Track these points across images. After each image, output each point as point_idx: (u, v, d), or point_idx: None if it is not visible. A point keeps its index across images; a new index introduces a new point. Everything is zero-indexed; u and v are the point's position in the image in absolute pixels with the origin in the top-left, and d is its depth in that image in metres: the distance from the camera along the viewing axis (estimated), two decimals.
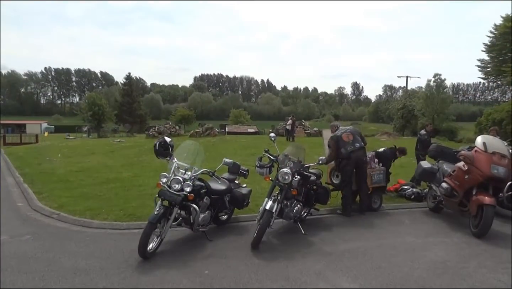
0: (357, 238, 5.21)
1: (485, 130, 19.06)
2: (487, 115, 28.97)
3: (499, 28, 21.55)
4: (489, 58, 23.09)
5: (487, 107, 43.12)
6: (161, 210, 4.32)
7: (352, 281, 3.81)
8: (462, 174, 5.63)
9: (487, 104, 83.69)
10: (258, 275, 3.92)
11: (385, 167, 7.10)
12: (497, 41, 21.96)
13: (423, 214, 6.70)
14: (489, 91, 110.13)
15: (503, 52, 22.05)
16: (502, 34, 21.36)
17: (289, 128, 23.51)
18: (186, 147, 5.11)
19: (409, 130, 41.08)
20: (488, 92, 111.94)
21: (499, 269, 4.15)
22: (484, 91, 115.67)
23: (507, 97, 51.96)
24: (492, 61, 22.97)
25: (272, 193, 5.05)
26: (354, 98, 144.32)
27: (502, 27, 21.24)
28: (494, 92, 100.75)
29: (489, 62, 23.21)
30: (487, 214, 5.11)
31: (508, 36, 21.05)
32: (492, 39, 22.42)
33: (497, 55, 22.35)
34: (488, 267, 4.21)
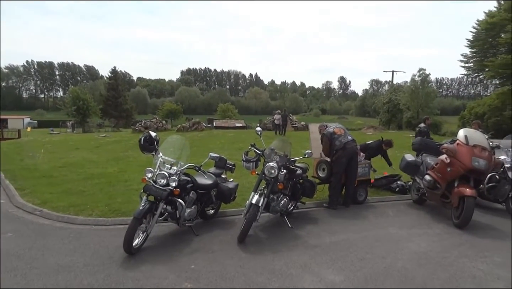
0: (343, 231, 5.28)
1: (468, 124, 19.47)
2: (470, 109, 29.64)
3: (482, 24, 21.95)
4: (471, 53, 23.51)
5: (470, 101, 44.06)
6: (146, 205, 4.29)
7: (337, 273, 3.87)
8: (445, 167, 5.74)
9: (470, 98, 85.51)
10: (244, 268, 3.93)
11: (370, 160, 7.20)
12: (480, 36, 22.39)
13: (407, 206, 6.83)
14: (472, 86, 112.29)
15: (485, 47, 22.49)
16: (484, 29, 21.77)
17: (278, 123, 23.82)
18: (171, 141, 5.06)
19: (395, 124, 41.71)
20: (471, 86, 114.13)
21: (479, 258, 4.27)
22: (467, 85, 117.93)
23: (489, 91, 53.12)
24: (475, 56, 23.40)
25: (258, 187, 5.07)
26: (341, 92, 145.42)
27: (485, 23, 21.63)
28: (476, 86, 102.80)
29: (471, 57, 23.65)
30: (468, 205, 5.24)
31: (490, 31, 21.46)
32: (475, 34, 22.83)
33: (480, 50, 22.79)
34: (469, 257, 4.33)
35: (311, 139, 7.35)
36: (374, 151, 7.68)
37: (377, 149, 7.69)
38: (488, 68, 21.51)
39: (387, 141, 7.79)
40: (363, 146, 7.70)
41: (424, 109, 36.26)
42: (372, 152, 7.61)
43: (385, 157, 8.10)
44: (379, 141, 7.88)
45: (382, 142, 7.77)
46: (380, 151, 7.75)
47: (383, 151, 7.80)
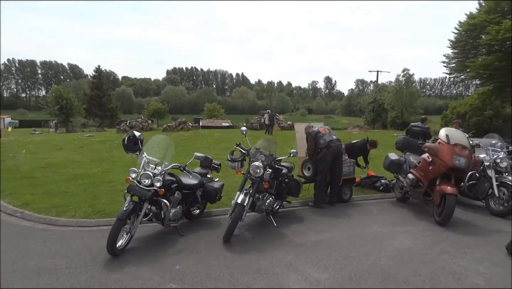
0: (328, 229, 5.33)
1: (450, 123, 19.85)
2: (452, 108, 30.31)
3: (463, 26, 22.43)
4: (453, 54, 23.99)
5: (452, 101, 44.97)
6: (130, 205, 4.23)
7: (322, 271, 3.90)
8: (427, 165, 5.85)
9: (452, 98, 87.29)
10: (230, 268, 3.93)
11: (354, 159, 7.29)
12: (461, 37, 22.85)
13: (391, 204, 6.93)
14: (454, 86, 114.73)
15: (467, 48, 22.98)
16: (465, 31, 22.24)
17: (268, 123, 24.16)
18: (156, 141, 5.01)
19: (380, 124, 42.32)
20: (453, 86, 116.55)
21: (459, 255, 4.37)
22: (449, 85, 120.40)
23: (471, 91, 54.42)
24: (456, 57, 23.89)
25: (244, 186, 5.07)
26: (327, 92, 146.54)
27: (466, 24, 22.10)
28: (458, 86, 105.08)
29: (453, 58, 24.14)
30: (449, 202, 5.35)
31: (471, 33, 21.94)
32: (456, 35, 23.31)
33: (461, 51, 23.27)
34: (450, 253, 4.42)
35: (297, 139, 7.39)
36: (359, 150, 7.77)
37: (361, 149, 7.78)
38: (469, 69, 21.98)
39: (372, 141, 7.88)
40: (348, 145, 7.78)
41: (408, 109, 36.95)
42: (357, 151, 7.70)
43: (366, 157, 8.17)
44: (364, 141, 7.98)
45: (367, 142, 7.86)
46: (365, 150, 7.84)
47: (367, 151, 7.89)
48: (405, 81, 38.19)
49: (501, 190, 6.19)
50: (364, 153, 7.94)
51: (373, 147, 7.94)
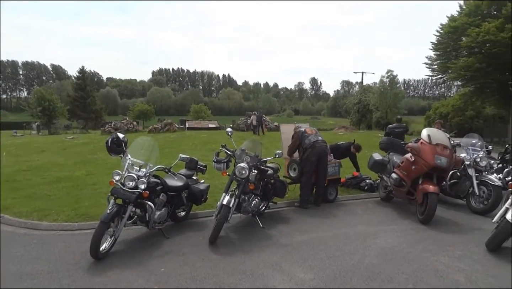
0: (313, 229, 5.37)
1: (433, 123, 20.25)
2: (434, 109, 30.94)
3: (445, 28, 22.89)
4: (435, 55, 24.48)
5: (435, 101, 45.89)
6: (114, 208, 4.18)
7: (307, 271, 3.93)
8: (410, 165, 5.96)
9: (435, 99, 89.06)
10: (215, 270, 3.92)
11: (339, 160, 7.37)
12: (443, 39, 23.33)
13: (375, 203, 7.03)
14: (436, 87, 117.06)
15: (448, 50, 23.47)
16: (447, 33, 22.72)
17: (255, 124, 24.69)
18: (140, 143, 4.96)
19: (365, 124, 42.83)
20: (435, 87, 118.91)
21: (441, 252, 4.46)
22: (432, 86, 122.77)
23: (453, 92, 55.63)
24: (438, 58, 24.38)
25: (229, 187, 5.06)
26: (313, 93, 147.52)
27: (447, 26, 22.58)
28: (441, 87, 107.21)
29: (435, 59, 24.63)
30: (431, 201, 5.46)
31: (452, 35, 22.41)
32: (438, 37, 23.78)
33: (443, 53, 23.76)
34: (432, 251, 4.51)
35: (282, 140, 7.42)
36: (343, 152, 7.85)
37: (346, 150, 7.86)
38: (450, 70, 22.45)
39: (356, 145, 7.98)
40: (334, 146, 7.87)
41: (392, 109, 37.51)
42: (341, 152, 7.77)
43: (354, 161, 8.28)
44: (349, 144, 8.07)
45: (352, 145, 7.96)
46: (349, 153, 7.92)
47: (351, 153, 7.98)
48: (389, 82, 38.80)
49: (481, 188, 6.35)
50: (348, 155, 8.03)
51: (356, 150, 8.04)
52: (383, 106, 38.51)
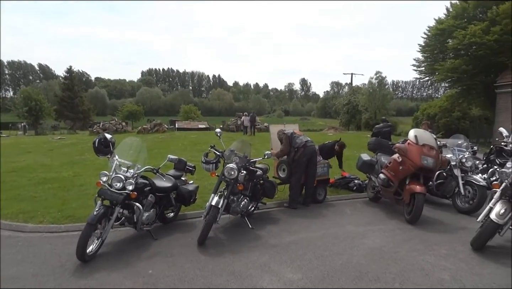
0: (302, 230, 5.39)
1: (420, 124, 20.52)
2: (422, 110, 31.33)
3: (432, 30, 23.24)
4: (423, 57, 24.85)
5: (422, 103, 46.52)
6: (101, 210, 4.14)
7: (296, 271, 3.94)
8: (397, 165, 6.03)
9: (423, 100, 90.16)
10: (204, 271, 3.91)
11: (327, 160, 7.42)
12: (430, 41, 23.68)
13: (364, 203, 7.09)
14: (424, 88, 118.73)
15: (435, 53, 23.83)
16: (434, 35, 23.07)
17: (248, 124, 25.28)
18: (128, 143, 4.91)
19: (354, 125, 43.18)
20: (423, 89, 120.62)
21: (427, 252, 4.52)
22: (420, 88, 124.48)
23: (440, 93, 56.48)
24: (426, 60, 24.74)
25: (218, 188, 5.05)
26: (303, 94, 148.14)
27: (434, 29, 22.92)
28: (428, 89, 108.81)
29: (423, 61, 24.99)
30: (418, 201, 5.54)
31: (439, 37, 22.76)
32: (426, 40, 24.13)
33: (430, 55, 24.12)
34: (418, 250, 4.57)
35: (272, 140, 7.44)
36: (328, 151, 7.91)
37: (331, 149, 7.92)
38: (438, 72, 22.79)
39: (340, 143, 8.05)
40: (321, 146, 7.91)
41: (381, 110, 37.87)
42: (327, 151, 7.83)
43: (339, 158, 8.34)
44: (334, 142, 8.14)
45: (336, 143, 8.03)
46: (333, 151, 7.97)
47: (336, 152, 8.03)
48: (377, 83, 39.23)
49: (466, 188, 6.46)
50: (334, 153, 8.07)
51: (340, 148, 8.08)
52: (372, 107, 38.89)
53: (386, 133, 10.42)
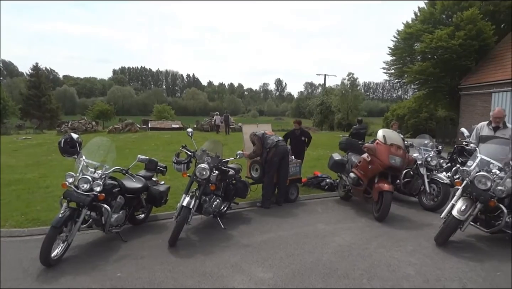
0: (274, 229, 5.43)
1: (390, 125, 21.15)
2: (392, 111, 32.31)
3: (401, 34, 23.95)
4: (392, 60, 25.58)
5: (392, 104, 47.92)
6: (66, 212, 4.00)
7: (267, 271, 3.97)
8: (366, 164, 6.19)
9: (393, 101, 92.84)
10: (174, 272, 3.86)
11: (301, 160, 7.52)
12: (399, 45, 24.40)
13: (335, 202, 7.23)
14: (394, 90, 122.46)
15: (404, 55, 24.59)
16: (403, 39, 23.80)
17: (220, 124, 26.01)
18: (96, 143, 4.78)
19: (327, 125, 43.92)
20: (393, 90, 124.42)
21: (394, 248, 4.67)
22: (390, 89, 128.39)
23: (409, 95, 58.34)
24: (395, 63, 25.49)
25: (190, 188, 5.00)
26: (278, 94, 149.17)
27: (403, 33, 23.65)
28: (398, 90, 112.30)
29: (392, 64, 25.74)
30: (386, 199, 5.71)
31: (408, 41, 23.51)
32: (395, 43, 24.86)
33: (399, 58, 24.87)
34: (386, 247, 4.71)
35: (245, 140, 7.44)
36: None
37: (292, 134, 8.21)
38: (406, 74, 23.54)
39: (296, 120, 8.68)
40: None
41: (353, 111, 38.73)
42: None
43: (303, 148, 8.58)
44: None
45: None
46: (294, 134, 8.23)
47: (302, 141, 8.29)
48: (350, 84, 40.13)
49: (431, 186, 6.72)
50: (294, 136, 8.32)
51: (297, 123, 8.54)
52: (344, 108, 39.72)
53: (363, 134, 10.99)
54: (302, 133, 8.45)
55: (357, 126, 11.83)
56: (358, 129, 11.49)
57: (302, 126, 8.95)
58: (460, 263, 4.24)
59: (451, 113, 26.52)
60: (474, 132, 5.87)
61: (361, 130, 11.51)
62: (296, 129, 8.34)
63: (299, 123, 8.61)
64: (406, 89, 47.85)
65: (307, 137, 8.53)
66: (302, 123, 9.11)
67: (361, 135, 11.07)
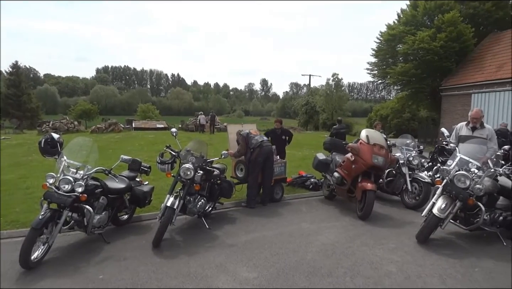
0: (259, 229, 5.44)
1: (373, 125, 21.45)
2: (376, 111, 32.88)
3: (384, 36, 24.36)
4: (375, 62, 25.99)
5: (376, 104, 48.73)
6: (47, 213, 3.92)
7: (251, 270, 3.98)
8: (350, 164, 6.27)
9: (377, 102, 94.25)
10: (158, 273, 3.83)
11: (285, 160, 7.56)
12: (382, 46, 24.81)
13: (319, 201, 7.30)
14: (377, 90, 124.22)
15: (387, 57, 25.02)
16: (386, 40, 24.20)
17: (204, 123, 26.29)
18: (78, 143, 4.69)
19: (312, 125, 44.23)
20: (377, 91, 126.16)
21: (377, 246, 4.75)
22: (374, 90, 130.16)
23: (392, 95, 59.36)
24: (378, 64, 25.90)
25: (174, 189, 4.97)
26: (263, 94, 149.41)
27: (386, 34, 24.05)
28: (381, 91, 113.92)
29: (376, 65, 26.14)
30: (369, 198, 5.80)
31: (390, 42, 23.92)
32: (378, 45, 25.26)
33: (382, 59, 25.29)
34: (369, 245, 4.79)
35: (230, 140, 7.44)
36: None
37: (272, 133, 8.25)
38: (389, 76, 23.95)
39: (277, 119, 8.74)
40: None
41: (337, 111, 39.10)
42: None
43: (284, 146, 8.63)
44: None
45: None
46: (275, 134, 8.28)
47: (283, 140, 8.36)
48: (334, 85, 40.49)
49: (413, 185, 6.86)
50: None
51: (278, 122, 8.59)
52: (329, 108, 40.06)
53: (343, 134, 11.26)
54: (283, 132, 8.50)
55: (337, 126, 12.09)
56: (338, 129, 11.75)
57: (287, 126, 9.03)
58: (440, 260, 4.34)
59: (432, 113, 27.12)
60: (453, 132, 6.01)
61: (341, 130, 11.76)
62: (277, 128, 8.39)
63: (280, 122, 8.67)
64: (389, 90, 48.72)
65: (288, 136, 8.59)
66: (286, 123, 9.20)
67: (341, 134, 11.32)
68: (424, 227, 4.86)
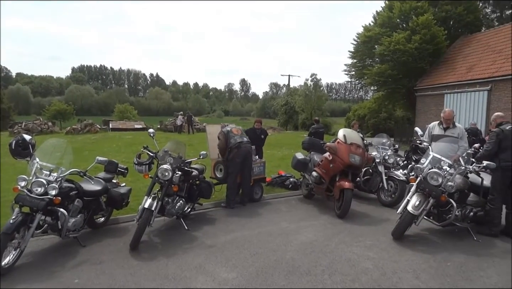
0: (238, 229, 5.44)
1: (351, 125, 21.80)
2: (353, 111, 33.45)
3: (361, 37, 24.84)
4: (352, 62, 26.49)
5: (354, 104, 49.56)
6: (18, 217, 3.80)
7: (230, 270, 3.98)
8: (328, 163, 6.36)
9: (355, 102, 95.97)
10: (135, 276, 3.77)
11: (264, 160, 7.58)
12: (359, 47, 25.30)
13: (298, 201, 7.37)
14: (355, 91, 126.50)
15: (364, 58, 25.55)
16: (363, 42, 24.69)
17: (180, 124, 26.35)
18: (51, 145, 4.56)
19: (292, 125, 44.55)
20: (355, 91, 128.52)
21: (354, 243, 4.84)
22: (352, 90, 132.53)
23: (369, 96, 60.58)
24: (355, 65, 26.41)
25: (152, 190, 4.90)
26: (243, 94, 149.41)
27: (363, 36, 24.54)
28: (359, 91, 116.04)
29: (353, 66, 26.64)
30: (347, 196, 5.90)
31: (367, 44, 24.42)
32: (355, 46, 25.74)
33: (359, 60, 25.81)
34: (346, 243, 4.87)
35: (209, 140, 7.41)
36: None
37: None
38: (366, 76, 24.45)
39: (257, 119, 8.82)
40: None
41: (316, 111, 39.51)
42: None
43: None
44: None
45: None
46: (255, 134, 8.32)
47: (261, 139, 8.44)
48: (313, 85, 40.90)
49: (389, 183, 7.03)
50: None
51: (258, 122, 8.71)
52: (308, 108, 40.43)
53: (321, 133, 11.50)
54: (262, 132, 8.57)
55: (315, 126, 12.33)
56: (316, 129, 12.01)
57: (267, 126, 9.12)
58: (415, 255, 4.47)
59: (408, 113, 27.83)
60: (426, 131, 6.20)
61: (320, 130, 12.01)
62: (257, 128, 8.42)
63: (260, 123, 8.75)
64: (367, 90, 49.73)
65: (264, 135, 8.68)
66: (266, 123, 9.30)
67: (320, 134, 11.57)
68: (399, 224, 4.99)
